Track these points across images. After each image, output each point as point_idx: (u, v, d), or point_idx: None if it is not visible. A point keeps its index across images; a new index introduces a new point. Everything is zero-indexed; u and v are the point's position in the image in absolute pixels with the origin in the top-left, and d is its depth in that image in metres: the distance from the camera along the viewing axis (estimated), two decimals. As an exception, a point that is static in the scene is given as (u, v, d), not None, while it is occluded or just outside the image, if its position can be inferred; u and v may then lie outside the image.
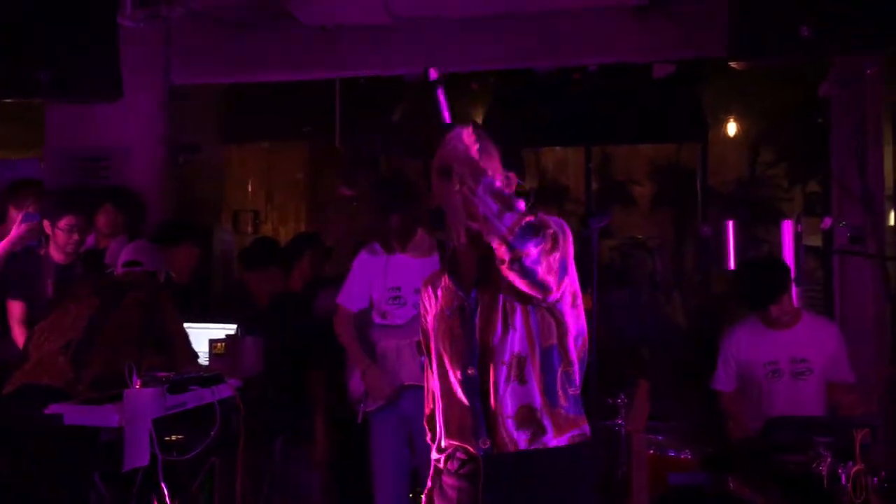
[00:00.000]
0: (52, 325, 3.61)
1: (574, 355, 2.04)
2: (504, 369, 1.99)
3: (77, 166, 5.45)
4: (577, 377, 2.05)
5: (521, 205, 1.89)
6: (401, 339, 3.62)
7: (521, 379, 1.99)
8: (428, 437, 2.16)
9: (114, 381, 3.18)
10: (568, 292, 2.01)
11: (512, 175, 2.11)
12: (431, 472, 2.11)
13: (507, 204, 1.88)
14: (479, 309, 2.02)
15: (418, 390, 3.57)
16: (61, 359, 3.45)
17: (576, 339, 2.05)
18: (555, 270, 1.90)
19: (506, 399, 1.98)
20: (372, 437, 3.74)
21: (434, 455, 2.11)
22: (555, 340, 2.01)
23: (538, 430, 1.97)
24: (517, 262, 1.86)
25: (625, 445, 3.77)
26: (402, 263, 3.64)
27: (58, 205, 4.20)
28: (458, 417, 2.02)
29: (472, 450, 1.99)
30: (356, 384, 3.75)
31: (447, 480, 2.04)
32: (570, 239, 2.00)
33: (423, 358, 2.24)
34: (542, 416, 1.98)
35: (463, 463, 2.01)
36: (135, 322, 3.60)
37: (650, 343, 5.17)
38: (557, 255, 1.90)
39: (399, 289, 3.65)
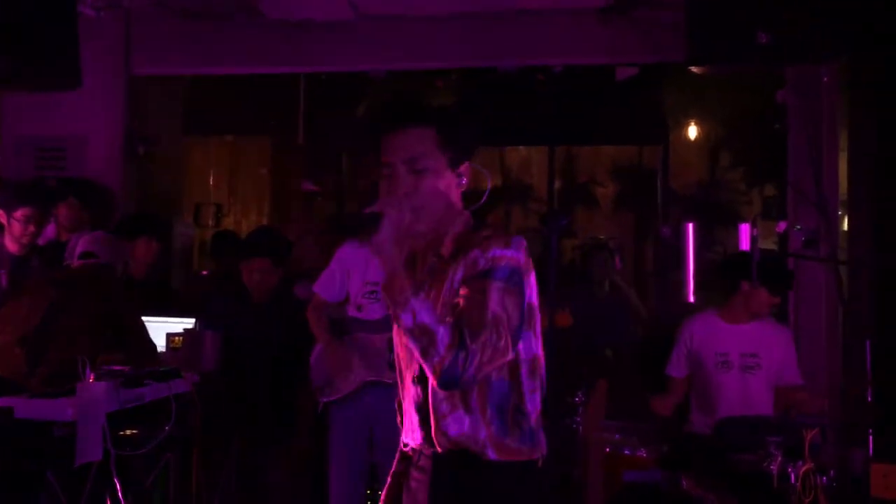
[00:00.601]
0: (7, 317, 3.56)
1: (528, 385, 1.91)
2: (441, 393, 1.87)
3: (34, 155, 5.36)
4: (529, 406, 1.91)
5: (444, 338, 1.74)
6: (372, 333, 3.62)
7: (467, 408, 1.87)
8: (398, 419, 2.13)
9: (70, 374, 3.13)
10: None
11: (464, 168, 1.97)
12: (398, 455, 2.09)
13: (425, 351, 1.75)
14: None
15: (382, 387, 3.59)
16: (16, 351, 3.40)
17: (530, 365, 1.92)
18: (500, 351, 1.77)
19: (446, 424, 1.89)
20: (331, 429, 3.74)
21: (401, 442, 2.10)
22: (506, 372, 1.88)
23: (482, 455, 1.89)
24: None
25: (581, 444, 3.81)
26: None
27: (14, 195, 4.13)
28: (410, 419, 2.00)
29: (425, 451, 1.98)
30: (318, 372, 3.74)
31: (412, 472, 2.02)
32: (526, 275, 1.85)
33: (391, 354, 2.21)
34: (486, 447, 1.88)
35: (419, 457, 2.01)
36: (91, 315, 3.55)
37: (611, 342, 5.22)
38: (503, 341, 1.77)
39: (377, 284, 3.64)
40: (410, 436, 2.01)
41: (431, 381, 1.81)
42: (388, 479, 2.08)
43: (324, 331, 3.72)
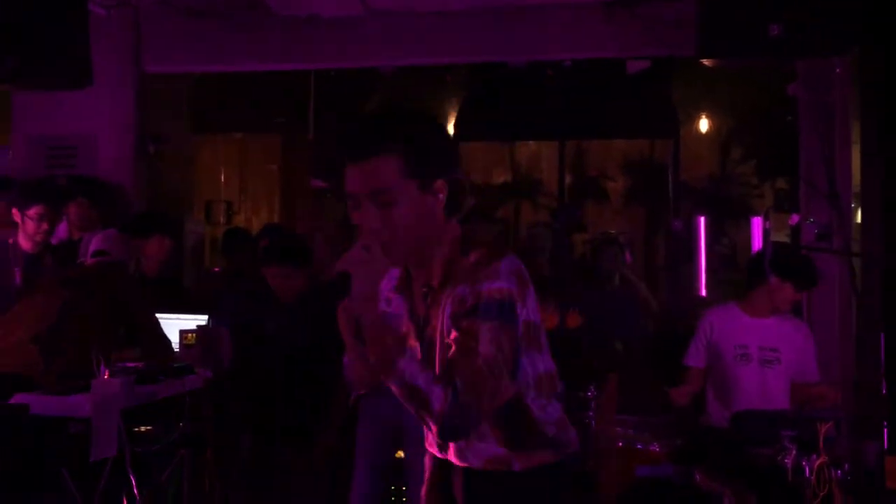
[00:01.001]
0: (21, 315, 3.58)
1: (537, 404, 1.83)
2: None
3: (45, 154, 5.38)
4: (542, 422, 1.84)
5: (437, 398, 1.67)
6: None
7: (481, 436, 1.82)
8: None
9: (84, 372, 3.15)
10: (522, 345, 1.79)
11: (440, 185, 1.80)
12: (430, 458, 2.04)
13: (418, 412, 1.70)
14: (426, 348, 1.86)
15: None
16: (31, 348, 3.42)
17: (537, 385, 1.83)
18: (499, 393, 1.72)
19: (465, 454, 1.87)
20: (359, 421, 3.76)
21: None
22: (511, 400, 1.79)
23: (508, 469, 1.85)
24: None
25: (593, 438, 3.80)
26: None
27: (27, 193, 4.15)
28: (428, 432, 1.96)
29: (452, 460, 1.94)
30: (350, 371, 3.78)
31: (453, 475, 1.96)
32: (521, 300, 1.75)
33: None
34: (511, 462, 1.84)
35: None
36: (104, 313, 3.57)
37: (622, 336, 5.22)
38: (502, 381, 1.70)
39: None
40: (433, 447, 1.99)
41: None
42: (427, 477, 2.04)
43: (350, 336, 3.72)
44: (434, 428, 1.70)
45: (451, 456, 1.91)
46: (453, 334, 1.74)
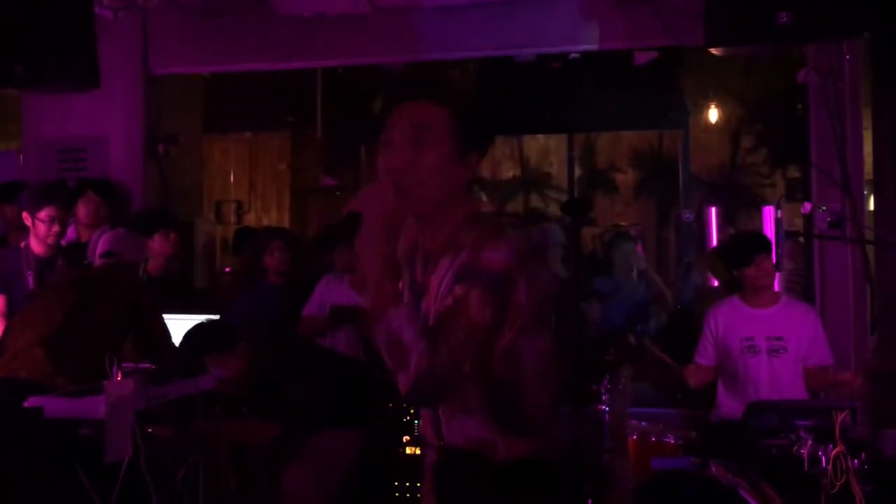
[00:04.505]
0: (29, 318, 3.57)
1: (532, 385, 1.80)
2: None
3: (56, 158, 5.40)
4: (531, 405, 1.81)
5: (419, 355, 1.65)
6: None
7: (467, 409, 1.79)
8: None
9: (92, 375, 3.15)
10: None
11: (473, 159, 1.81)
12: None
13: (395, 366, 1.68)
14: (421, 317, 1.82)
15: None
16: (38, 351, 3.40)
17: (532, 367, 1.79)
18: (466, 356, 1.70)
19: (451, 428, 1.83)
20: None
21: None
22: (503, 375, 1.77)
23: (492, 451, 1.80)
24: None
25: (608, 431, 3.79)
26: None
27: (37, 196, 4.16)
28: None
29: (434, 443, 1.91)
30: None
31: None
32: (518, 278, 1.71)
33: None
34: (497, 443, 1.79)
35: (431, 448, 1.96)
36: (113, 316, 3.56)
37: (634, 329, 5.20)
38: (476, 348, 1.70)
39: None
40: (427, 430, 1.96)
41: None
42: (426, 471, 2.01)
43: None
44: (405, 387, 1.68)
45: (430, 431, 1.88)
46: (447, 299, 1.73)
